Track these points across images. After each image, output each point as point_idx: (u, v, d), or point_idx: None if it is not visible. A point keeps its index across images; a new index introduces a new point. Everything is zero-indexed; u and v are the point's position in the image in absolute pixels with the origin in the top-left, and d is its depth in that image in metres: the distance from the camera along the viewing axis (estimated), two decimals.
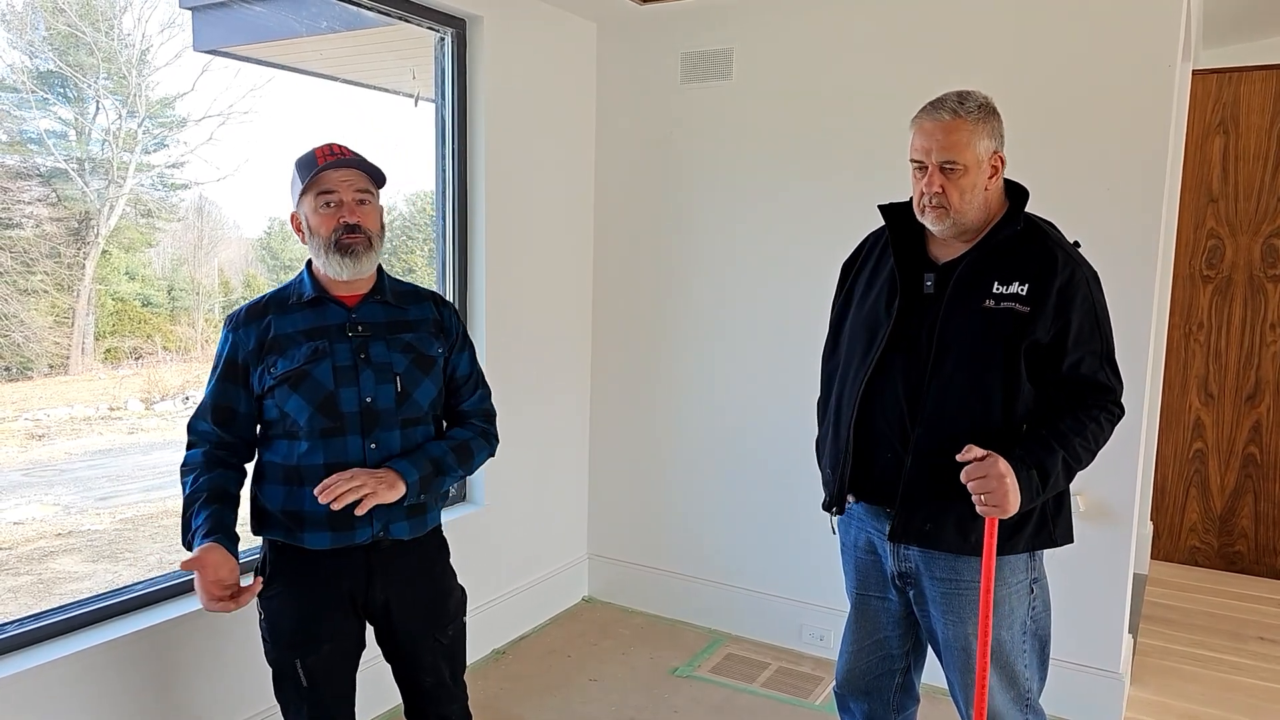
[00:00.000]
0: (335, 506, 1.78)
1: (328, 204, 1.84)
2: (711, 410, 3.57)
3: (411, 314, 1.98)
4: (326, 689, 1.93)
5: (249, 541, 1.94)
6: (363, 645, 2.00)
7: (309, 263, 1.94)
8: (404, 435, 1.92)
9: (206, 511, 1.81)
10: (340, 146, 1.88)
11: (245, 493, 1.95)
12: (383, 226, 1.93)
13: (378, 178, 1.91)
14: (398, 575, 1.94)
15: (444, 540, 2.09)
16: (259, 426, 1.94)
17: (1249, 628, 3.76)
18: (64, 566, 4.05)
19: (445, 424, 2.08)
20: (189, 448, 1.91)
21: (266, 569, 1.92)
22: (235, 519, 1.86)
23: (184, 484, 1.87)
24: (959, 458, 1.72)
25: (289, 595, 1.89)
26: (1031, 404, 1.79)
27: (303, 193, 1.85)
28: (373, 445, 1.87)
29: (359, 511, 1.80)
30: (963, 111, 1.75)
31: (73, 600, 2.25)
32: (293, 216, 1.92)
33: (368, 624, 2.00)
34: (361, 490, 1.79)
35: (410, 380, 1.93)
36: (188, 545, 1.80)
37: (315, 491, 1.79)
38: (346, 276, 1.88)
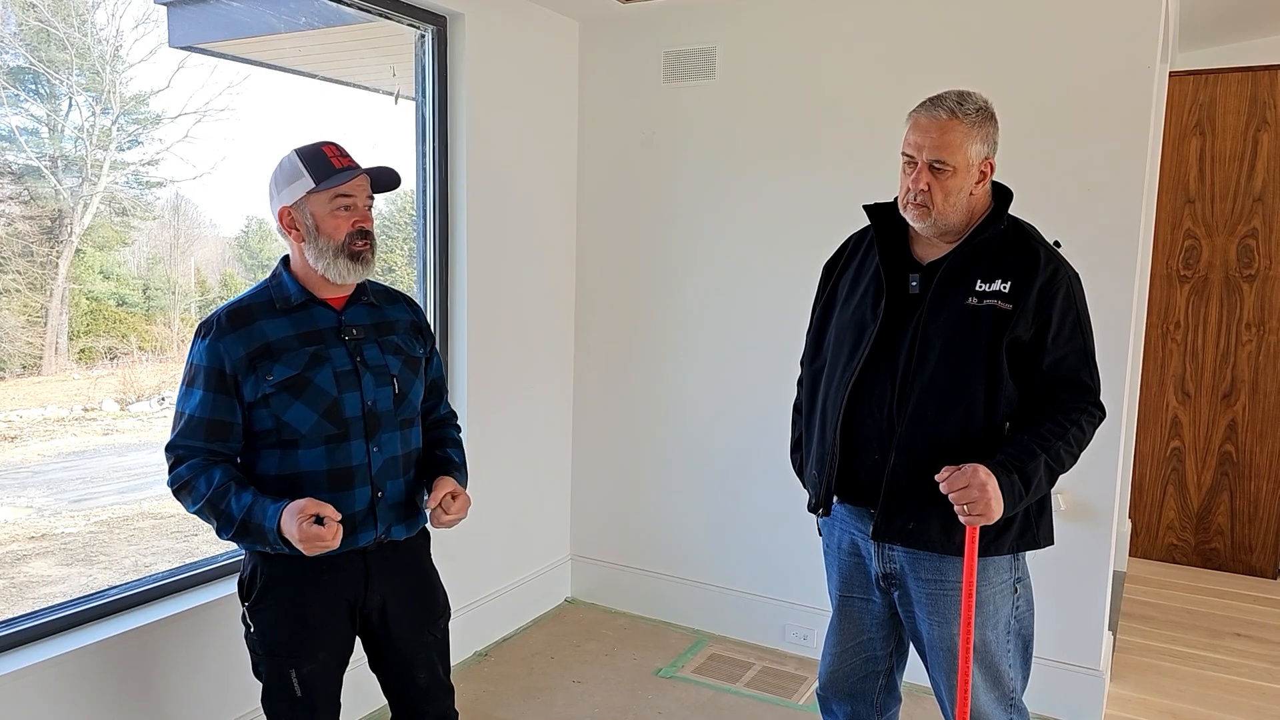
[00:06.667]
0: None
1: (345, 207, 1.80)
2: (694, 410, 3.57)
3: (389, 314, 1.97)
4: (319, 698, 1.89)
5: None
6: (351, 651, 1.97)
7: (286, 262, 1.88)
8: (402, 436, 1.91)
9: (247, 493, 1.73)
10: (342, 147, 1.84)
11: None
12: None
13: (382, 185, 1.89)
14: (393, 575, 1.93)
15: (428, 534, 2.08)
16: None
17: (1226, 624, 3.80)
18: (37, 570, 3.98)
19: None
20: (177, 464, 1.77)
21: (258, 581, 1.83)
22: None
23: (194, 493, 1.75)
24: (937, 478, 1.72)
25: (282, 605, 1.83)
26: (1015, 403, 1.79)
27: (313, 191, 1.77)
28: (375, 449, 1.86)
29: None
30: (960, 113, 1.74)
31: (46, 605, 2.21)
32: (284, 211, 1.80)
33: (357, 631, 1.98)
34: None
35: (405, 381, 1.92)
36: (255, 531, 1.72)
37: (435, 512, 1.89)
38: (352, 280, 1.84)
